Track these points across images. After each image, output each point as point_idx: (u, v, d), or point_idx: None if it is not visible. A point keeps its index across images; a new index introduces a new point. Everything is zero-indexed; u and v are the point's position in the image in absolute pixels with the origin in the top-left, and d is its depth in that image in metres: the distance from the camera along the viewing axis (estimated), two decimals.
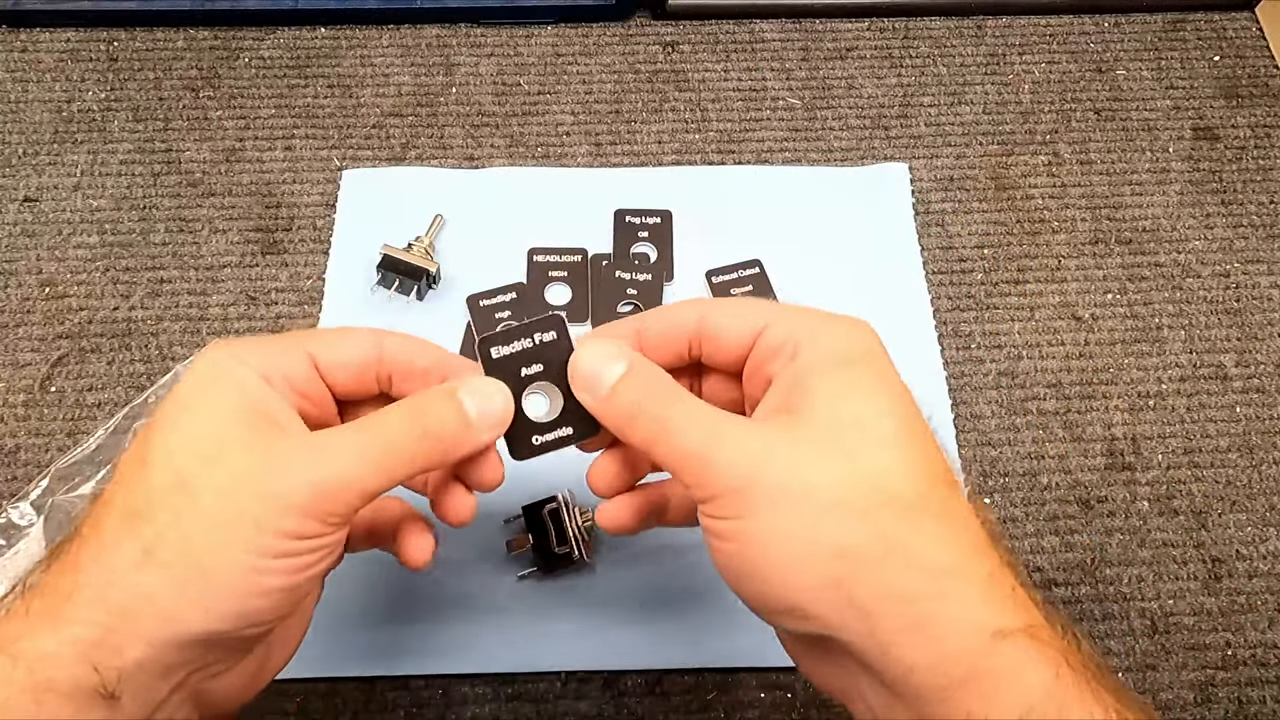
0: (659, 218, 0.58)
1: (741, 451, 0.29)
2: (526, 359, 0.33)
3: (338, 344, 0.33)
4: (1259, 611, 0.49)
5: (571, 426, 0.34)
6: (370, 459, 0.30)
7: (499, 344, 0.33)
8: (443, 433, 0.31)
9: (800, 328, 0.31)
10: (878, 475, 0.28)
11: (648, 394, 0.31)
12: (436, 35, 0.66)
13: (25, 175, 0.59)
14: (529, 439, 0.33)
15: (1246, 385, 0.55)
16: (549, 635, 0.47)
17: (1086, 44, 0.67)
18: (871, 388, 0.30)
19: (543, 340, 0.33)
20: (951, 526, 0.28)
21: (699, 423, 0.30)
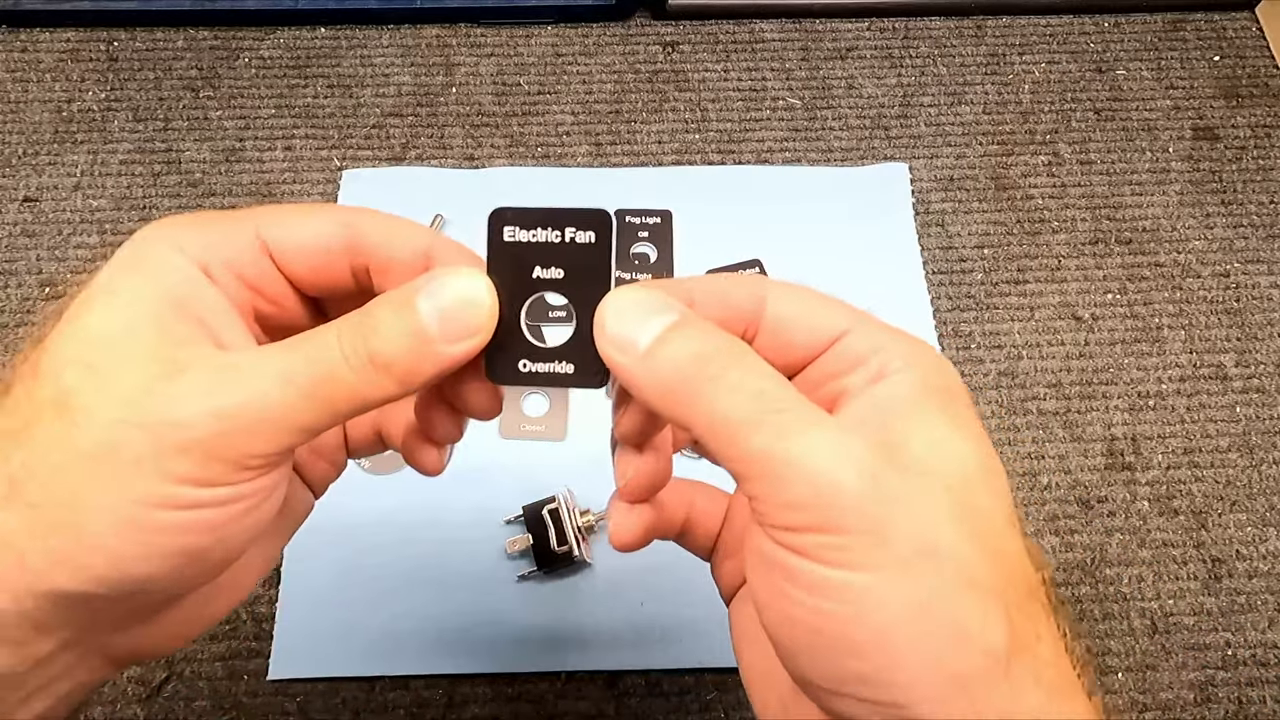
0: (659, 218, 0.58)
1: (874, 480, 0.21)
2: (546, 256, 0.25)
3: (295, 225, 0.26)
4: (1259, 611, 0.49)
5: (574, 364, 0.25)
6: (299, 386, 0.22)
7: (516, 225, 0.25)
8: (394, 355, 0.23)
9: (888, 343, 0.25)
10: (1012, 560, 0.23)
11: (719, 352, 0.23)
12: (436, 35, 0.66)
13: (25, 175, 0.59)
14: (515, 361, 0.25)
15: (1246, 385, 0.55)
16: (549, 635, 0.47)
17: (1086, 44, 0.67)
18: (980, 442, 0.24)
19: (574, 239, 0.24)
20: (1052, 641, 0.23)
21: (815, 419, 0.22)
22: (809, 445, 0.21)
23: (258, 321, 0.26)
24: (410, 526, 0.49)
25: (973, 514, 0.22)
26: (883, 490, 0.21)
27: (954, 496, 0.22)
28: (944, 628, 0.21)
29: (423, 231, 0.27)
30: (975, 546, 0.22)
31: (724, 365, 0.23)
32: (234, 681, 0.46)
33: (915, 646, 0.21)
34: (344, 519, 0.49)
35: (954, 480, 0.22)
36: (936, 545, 0.21)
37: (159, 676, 0.46)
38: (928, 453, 0.23)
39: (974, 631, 0.21)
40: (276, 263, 0.26)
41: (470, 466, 0.51)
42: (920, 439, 0.23)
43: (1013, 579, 0.22)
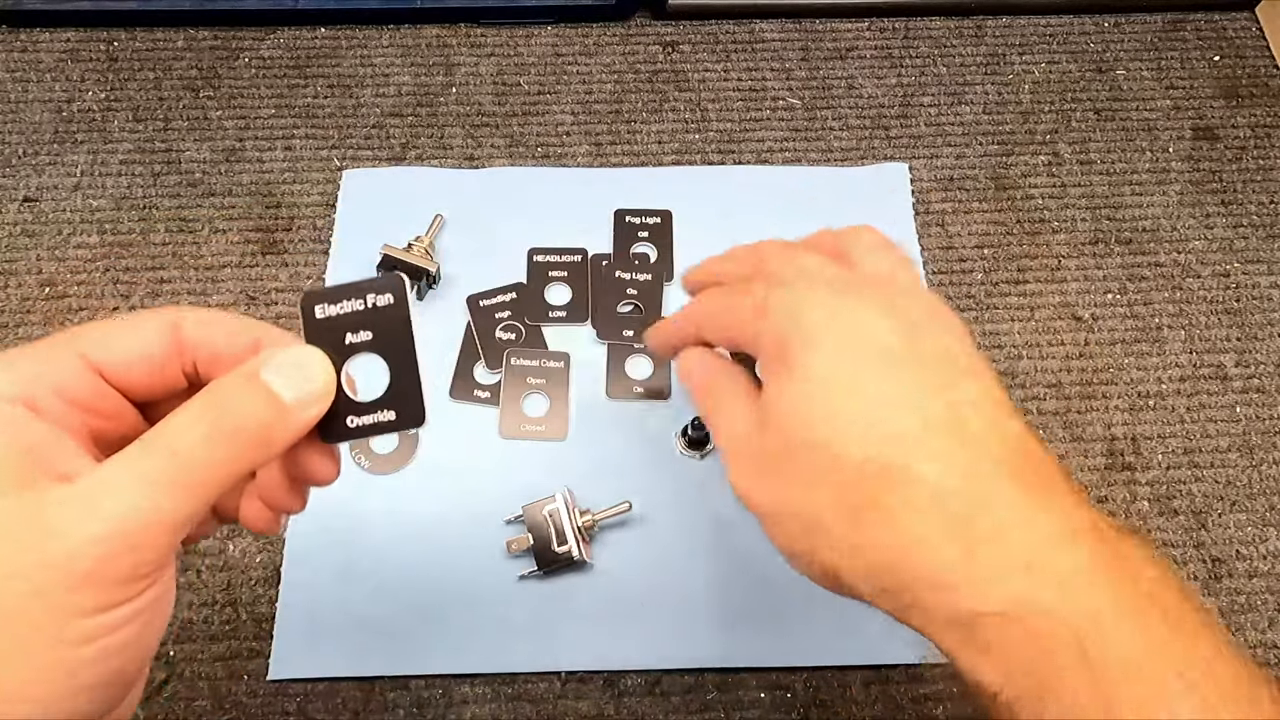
0: (659, 218, 0.58)
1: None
2: (354, 323, 0.28)
3: (118, 340, 0.26)
4: (1259, 611, 0.49)
5: (395, 410, 0.28)
6: (167, 483, 0.23)
7: (325, 302, 0.28)
8: (253, 427, 0.24)
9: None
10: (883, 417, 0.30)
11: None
12: (436, 35, 0.66)
13: (25, 175, 0.59)
14: (344, 420, 0.28)
15: (1246, 385, 0.55)
16: (549, 635, 0.47)
17: (1086, 44, 0.67)
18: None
19: (375, 304, 0.28)
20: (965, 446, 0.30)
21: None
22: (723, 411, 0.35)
23: (94, 439, 0.26)
24: (410, 526, 0.49)
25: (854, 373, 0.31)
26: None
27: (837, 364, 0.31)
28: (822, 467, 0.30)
29: (245, 322, 0.28)
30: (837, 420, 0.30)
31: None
32: (234, 681, 0.46)
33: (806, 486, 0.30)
34: (344, 519, 0.49)
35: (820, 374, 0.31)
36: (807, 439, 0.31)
37: (159, 676, 0.46)
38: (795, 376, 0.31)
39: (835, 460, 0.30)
40: (107, 379, 0.26)
41: (470, 467, 0.51)
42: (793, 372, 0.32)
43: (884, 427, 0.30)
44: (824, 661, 0.47)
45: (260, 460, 0.25)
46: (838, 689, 0.46)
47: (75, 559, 0.21)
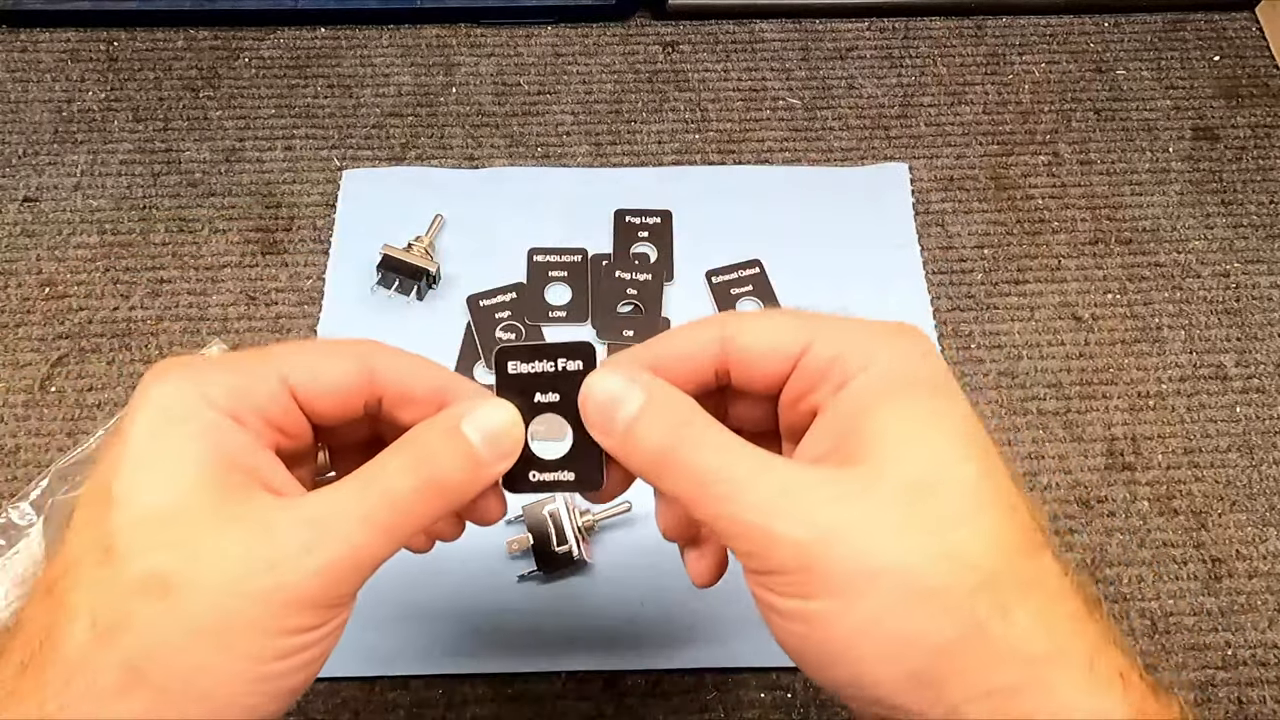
0: (659, 218, 0.58)
1: (807, 524, 0.24)
2: (544, 384, 0.29)
3: (320, 368, 0.28)
4: (1259, 611, 0.49)
5: (574, 472, 0.30)
6: (381, 527, 0.25)
7: (518, 360, 0.29)
8: (453, 479, 0.27)
9: (849, 347, 0.27)
10: (966, 551, 0.24)
11: (676, 433, 0.26)
12: (436, 35, 0.66)
13: (25, 175, 0.59)
14: (526, 472, 0.29)
15: (1246, 385, 0.55)
16: (549, 635, 0.47)
17: (1086, 44, 0.67)
18: (943, 425, 0.25)
19: (565, 368, 0.29)
20: (1048, 601, 0.24)
21: (750, 479, 0.25)
22: (765, 508, 0.24)
23: (283, 460, 0.28)
24: None
25: (921, 512, 0.24)
26: (816, 527, 0.24)
27: (903, 501, 0.24)
28: (890, 637, 0.23)
29: (434, 369, 0.30)
30: (922, 552, 0.24)
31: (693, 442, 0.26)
32: None
33: (870, 656, 0.24)
34: None
35: (903, 482, 0.24)
36: (875, 566, 0.23)
37: None
38: (881, 459, 0.25)
39: (918, 633, 0.23)
40: (300, 403, 0.28)
41: None
42: (873, 446, 0.25)
43: (974, 563, 0.24)
44: None
45: (453, 507, 0.27)
46: None
47: (295, 587, 0.24)
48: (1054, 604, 0.24)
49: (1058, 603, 0.24)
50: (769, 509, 0.24)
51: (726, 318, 0.29)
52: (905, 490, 0.24)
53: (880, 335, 0.27)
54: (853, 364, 0.26)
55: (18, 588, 0.47)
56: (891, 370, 0.26)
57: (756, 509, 0.24)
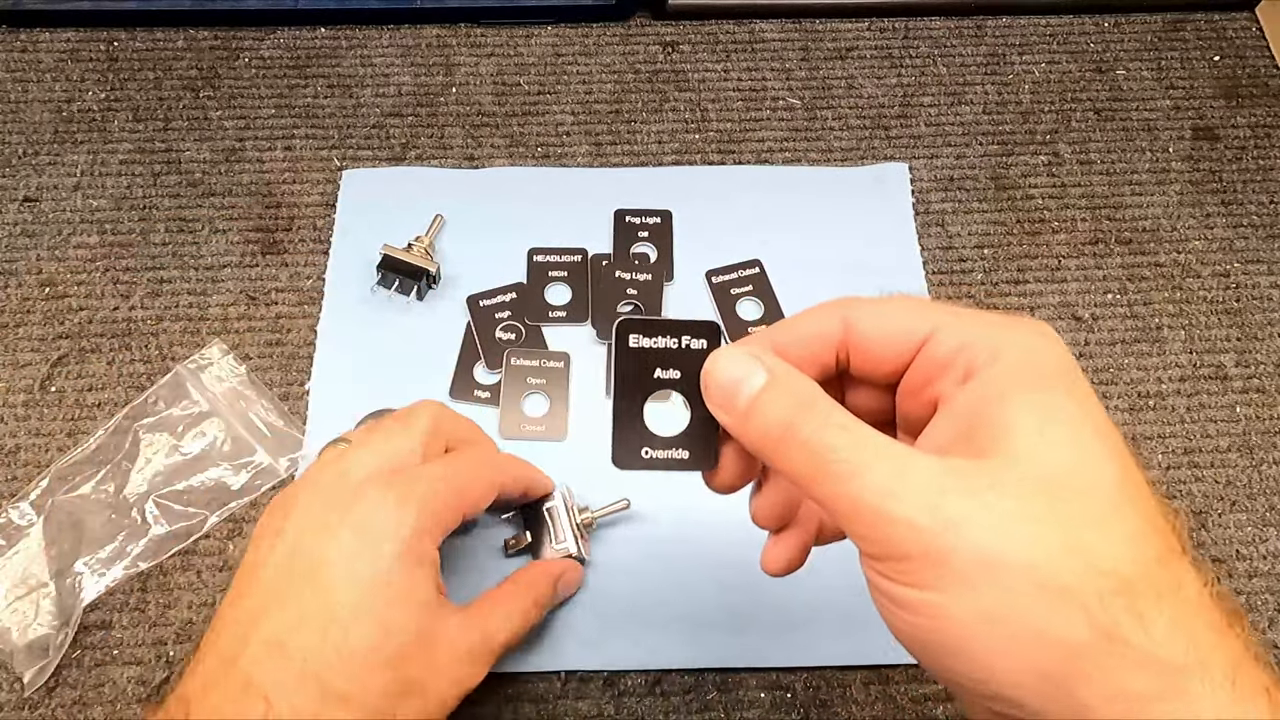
0: (659, 218, 0.58)
1: (932, 509, 0.23)
2: (665, 360, 0.29)
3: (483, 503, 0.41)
4: (1259, 611, 0.49)
5: (689, 450, 0.29)
6: (515, 630, 0.41)
7: (639, 333, 0.29)
8: (544, 605, 0.43)
9: (975, 337, 0.26)
10: (1100, 551, 0.23)
11: (798, 412, 0.26)
12: (436, 35, 0.66)
13: (25, 175, 0.59)
14: (639, 448, 0.29)
15: (1246, 385, 0.55)
16: (549, 635, 0.47)
17: (1086, 44, 0.67)
18: (1079, 423, 0.25)
19: (689, 345, 0.29)
20: (1187, 611, 0.23)
21: (873, 461, 0.25)
22: (885, 488, 0.24)
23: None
24: None
25: (1056, 509, 0.23)
26: (940, 514, 0.23)
27: (1037, 496, 0.23)
28: (1018, 633, 0.23)
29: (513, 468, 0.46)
30: (1054, 549, 0.23)
31: (817, 420, 0.25)
32: None
33: (995, 650, 0.23)
34: None
35: (1038, 477, 0.24)
36: (999, 558, 0.23)
37: (159, 676, 0.46)
38: (1014, 453, 0.24)
39: (1049, 632, 0.23)
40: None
41: None
42: (1006, 439, 0.24)
43: (1110, 566, 0.23)
44: (824, 661, 0.47)
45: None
46: (838, 689, 0.46)
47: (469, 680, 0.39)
48: (1194, 614, 0.23)
49: (1198, 613, 0.23)
50: (891, 491, 0.24)
51: (849, 302, 0.29)
52: (1039, 485, 0.23)
53: (1008, 327, 0.27)
54: (980, 355, 0.26)
55: (17, 588, 0.47)
56: (1023, 363, 0.25)
57: (877, 490, 0.24)
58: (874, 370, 0.28)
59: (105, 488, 0.49)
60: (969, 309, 0.28)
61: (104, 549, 0.48)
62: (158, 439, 0.51)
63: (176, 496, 0.49)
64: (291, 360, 0.54)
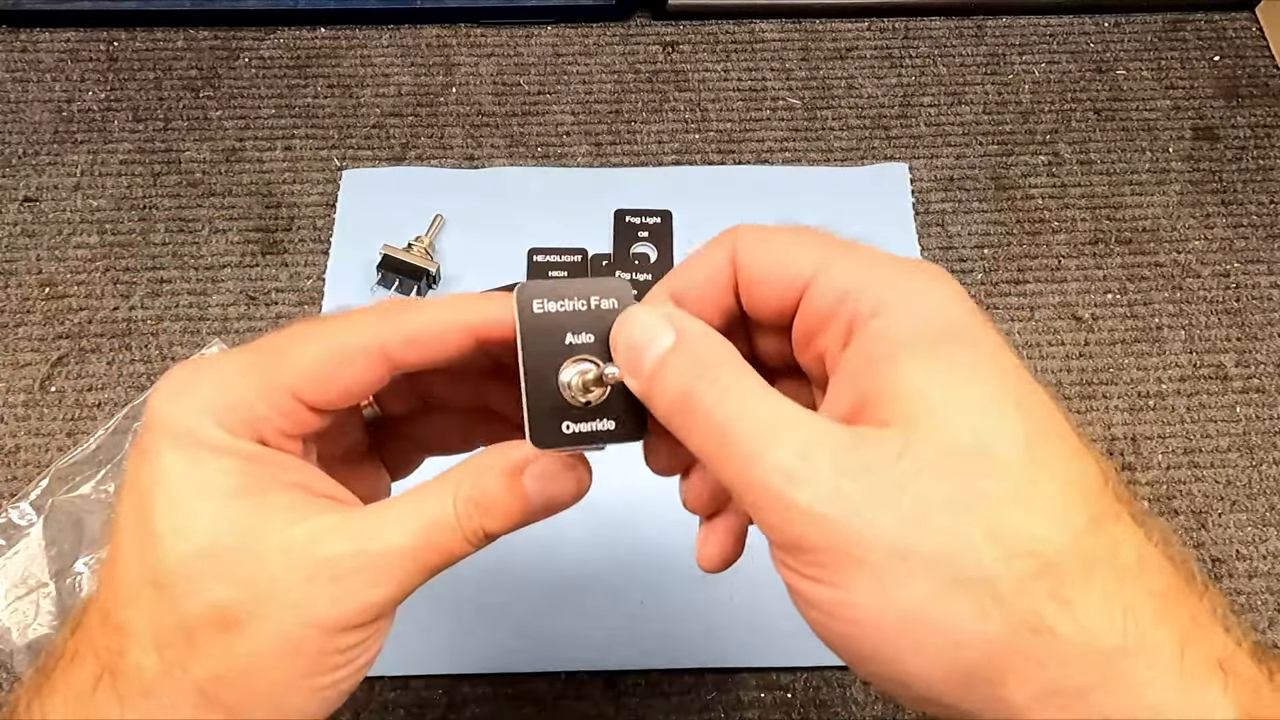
0: (659, 218, 0.58)
1: (836, 495, 0.21)
2: (575, 324, 0.26)
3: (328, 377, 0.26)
4: (1259, 611, 0.49)
5: (614, 420, 0.26)
6: (428, 568, 0.26)
7: (543, 297, 0.26)
8: (503, 530, 0.26)
9: (857, 285, 0.23)
10: (1017, 532, 0.20)
11: (700, 379, 0.23)
12: (436, 35, 0.66)
13: (25, 175, 0.59)
14: (558, 424, 0.26)
15: (1246, 385, 0.55)
16: (549, 635, 0.47)
17: (1086, 44, 0.67)
18: (981, 381, 0.22)
19: (599, 306, 0.26)
20: (1122, 581, 0.21)
21: (776, 437, 0.22)
22: (788, 469, 0.21)
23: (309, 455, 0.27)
24: None
25: (967, 486, 0.21)
26: (845, 501, 0.21)
27: (941, 473, 0.21)
28: (933, 633, 0.20)
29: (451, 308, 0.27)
30: (964, 534, 0.20)
31: (719, 388, 0.23)
32: None
33: (911, 653, 0.21)
34: None
35: (945, 451, 0.21)
36: (909, 549, 0.20)
37: None
38: (912, 423, 0.21)
39: (967, 627, 0.20)
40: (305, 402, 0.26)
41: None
42: (902, 407, 0.21)
43: (1029, 546, 0.20)
44: (824, 661, 0.47)
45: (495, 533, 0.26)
46: (838, 689, 0.46)
47: (351, 616, 0.24)
48: (1131, 583, 0.21)
49: (1137, 580, 0.21)
50: (793, 473, 0.21)
51: (738, 231, 0.25)
52: (942, 460, 0.21)
53: (898, 273, 0.23)
54: (864, 305, 0.23)
55: (17, 588, 0.47)
56: (914, 316, 0.22)
57: (780, 472, 0.21)
58: (764, 314, 0.25)
59: (105, 488, 0.49)
60: (865, 249, 0.24)
61: (104, 549, 0.48)
62: None
63: None
64: None
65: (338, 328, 0.27)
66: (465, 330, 0.27)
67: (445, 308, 0.27)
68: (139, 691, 0.23)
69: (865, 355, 0.23)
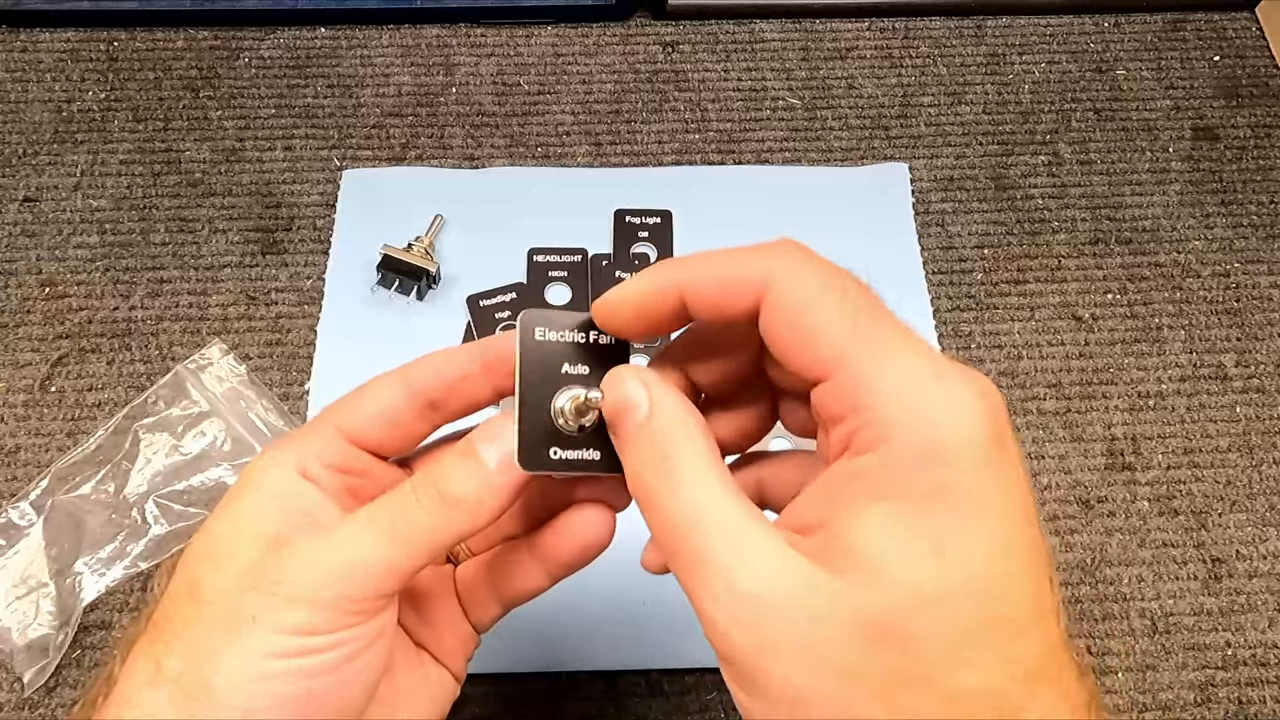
0: (659, 218, 0.58)
1: (752, 629, 0.21)
2: (572, 355, 0.27)
3: (357, 404, 0.29)
4: (1259, 611, 0.49)
5: (600, 451, 0.27)
6: (385, 534, 0.26)
7: (545, 326, 0.27)
8: (463, 494, 0.26)
9: (867, 407, 0.21)
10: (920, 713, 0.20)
11: (658, 466, 0.24)
12: (436, 35, 0.66)
13: (25, 175, 0.59)
14: (546, 449, 0.27)
15: (1246, 385, 0.55)
16: (549, 635, 0.47)
17: (1086, 44, 0.67)
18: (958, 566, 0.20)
19: (597, 340, 0.27)
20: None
21: (715, 554, 0.22)
22: (698, 581, 0.22)
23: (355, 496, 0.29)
24: None
25: (900, 667, 0.20)
26: (760, 635, 0.21)
27: (864, 635, 0.20)
28: None
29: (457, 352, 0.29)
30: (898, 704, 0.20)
31: (656, 483, 0.24)
32: None
33: None
34: None
35: (881, 629, 0.20)
36: (801, 698, 0.20)
37: None
38: (856, 574, 0.20)
39: None
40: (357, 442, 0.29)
41: None
42: (857, 565, 0.21)
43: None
44: None
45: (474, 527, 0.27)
46: None
47: (294, 582, 0.25)
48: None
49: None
50: (716, 597, 0.22)
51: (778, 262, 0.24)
52: (882, 637, 0.20)
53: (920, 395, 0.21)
54: (868, 434, 0.21)
55: (17, 588, 0.47)
56: (914, 461, 0.21)
57: (707, 593, 0.22)
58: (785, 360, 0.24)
59: (105, 488, 0.49)
60: (883, 342, 0.22)
61: (104, 549, 0.48)
62: (158, 439, 0.51)
63: (176, 496, 0.49)
64: (291, 360, 0.54)
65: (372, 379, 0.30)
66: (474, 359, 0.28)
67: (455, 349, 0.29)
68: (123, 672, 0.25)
69: (847, 488, 0.22)
